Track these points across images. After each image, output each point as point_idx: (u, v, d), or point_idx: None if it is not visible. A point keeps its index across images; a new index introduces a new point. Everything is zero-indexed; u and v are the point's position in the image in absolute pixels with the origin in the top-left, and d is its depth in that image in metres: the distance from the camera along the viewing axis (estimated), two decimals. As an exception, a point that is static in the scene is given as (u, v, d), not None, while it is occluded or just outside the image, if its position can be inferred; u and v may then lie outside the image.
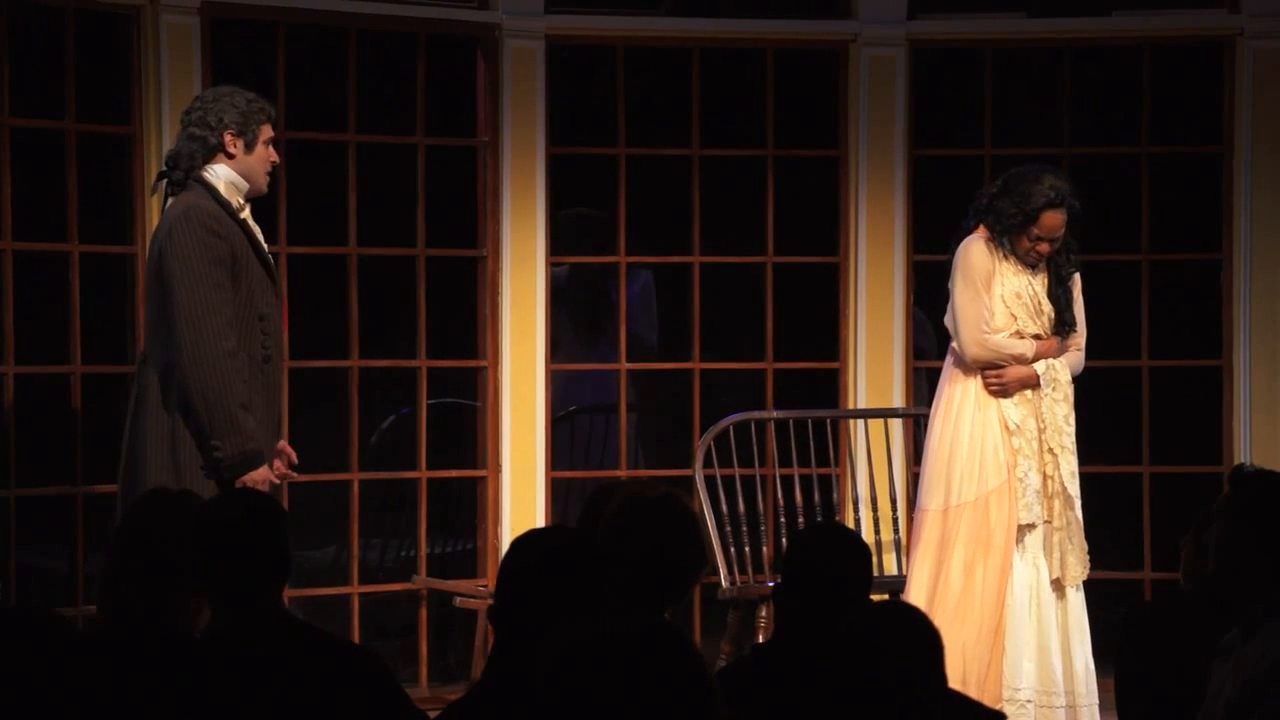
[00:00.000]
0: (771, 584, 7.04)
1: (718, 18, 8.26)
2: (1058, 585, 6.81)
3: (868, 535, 7.72)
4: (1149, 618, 5.13)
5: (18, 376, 7.20)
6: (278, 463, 6.10)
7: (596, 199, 8.24)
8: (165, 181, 6.16)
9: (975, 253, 6.82)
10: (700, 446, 7.58)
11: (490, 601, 6.32)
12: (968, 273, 6.81)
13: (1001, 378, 6.81)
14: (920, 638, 3.92)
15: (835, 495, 8.00)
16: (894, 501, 7.87)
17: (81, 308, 7.30)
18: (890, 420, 7.96)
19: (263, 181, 6.16)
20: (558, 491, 8.12)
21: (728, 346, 8.47)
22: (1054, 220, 6.77)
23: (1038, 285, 6.89)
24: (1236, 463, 7.77)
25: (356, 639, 7.57)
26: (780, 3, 8.27)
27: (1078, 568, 6.81)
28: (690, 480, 7.59)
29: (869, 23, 8.15)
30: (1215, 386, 8.22)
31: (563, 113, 8.10)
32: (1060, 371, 6.88)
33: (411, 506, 8.05)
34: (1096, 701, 6.78)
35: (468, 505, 8.21)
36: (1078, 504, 6.85)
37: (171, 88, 7.33)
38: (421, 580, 7.95)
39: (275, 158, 6.18)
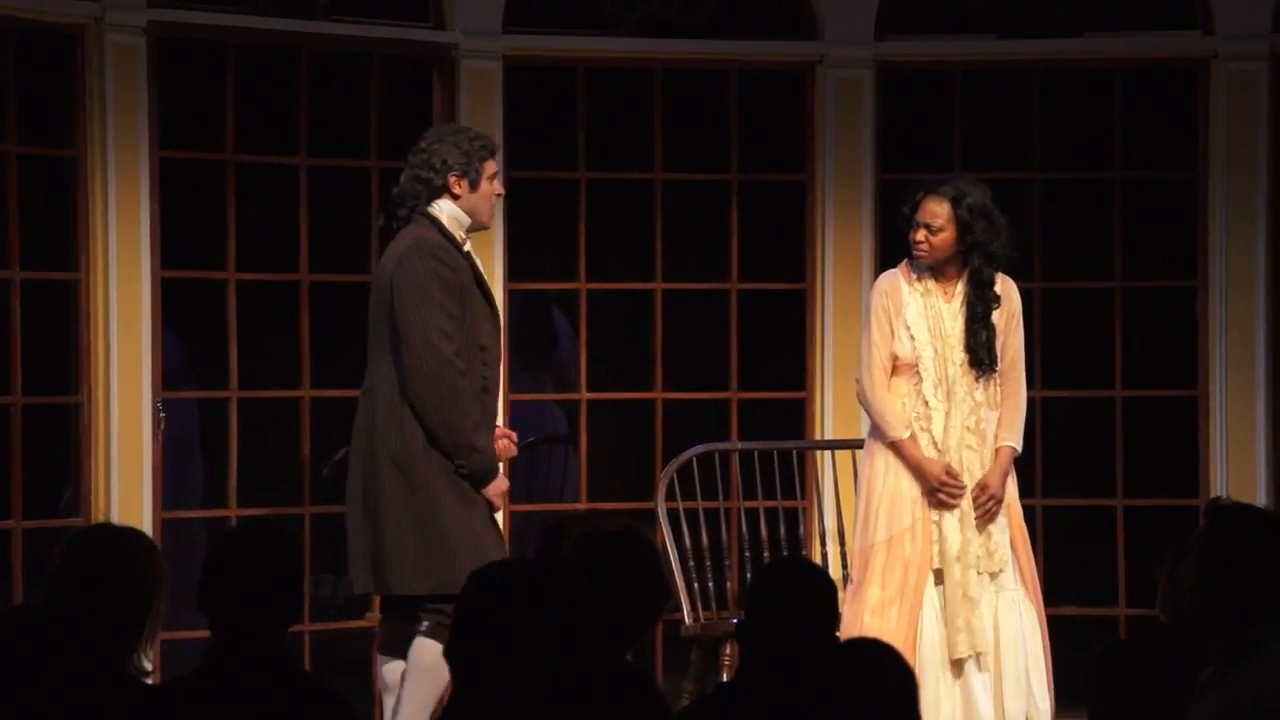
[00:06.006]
0: (736, 621, 7.03)
1: (680, 38, 8.27)
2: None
3: (835, 570, 7.70)
4: (1123, 655, 5.13)
5: (-43, 407, 7.17)
6: (505, 441, 6.63)
7: (556, 223, 8.24)
8: (391, 219, 6.57)
9: (874, 291, 6.91)
10: (662, 478, 7.56)
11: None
12: (865, 314, 6.92)
13: (952, 496, 6.78)
14: (892, 677, 3.91)
15: (802, 529, 7.99)
16: (862, 535, 7.86)
17: (23, 337, 7.26)
18: (858, 451, 7.95)
19: (487, 216, 6.63)
20: (514, 525, 8.11)
21: (691, 375, 8.47)
22: (929, 205, 6.78)
23: (947, 311, 6.84)
24: (1213, 495, 7.79)
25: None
26: (744, 23, 8.28)
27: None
28: (652, 513, 7.57)
29: (835, 44, 8.17)
30: (1191, 417, 8.23)
31: (521, 135, 8.10)
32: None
33: (364, 541, 8.01)
34: None
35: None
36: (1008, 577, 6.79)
37: (117, 109, 7.31)
38: (375, 617, 7.91)
39: (500, 190, 6.64)
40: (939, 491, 6.74)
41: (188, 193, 7.70)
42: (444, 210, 6.52)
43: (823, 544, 8.00)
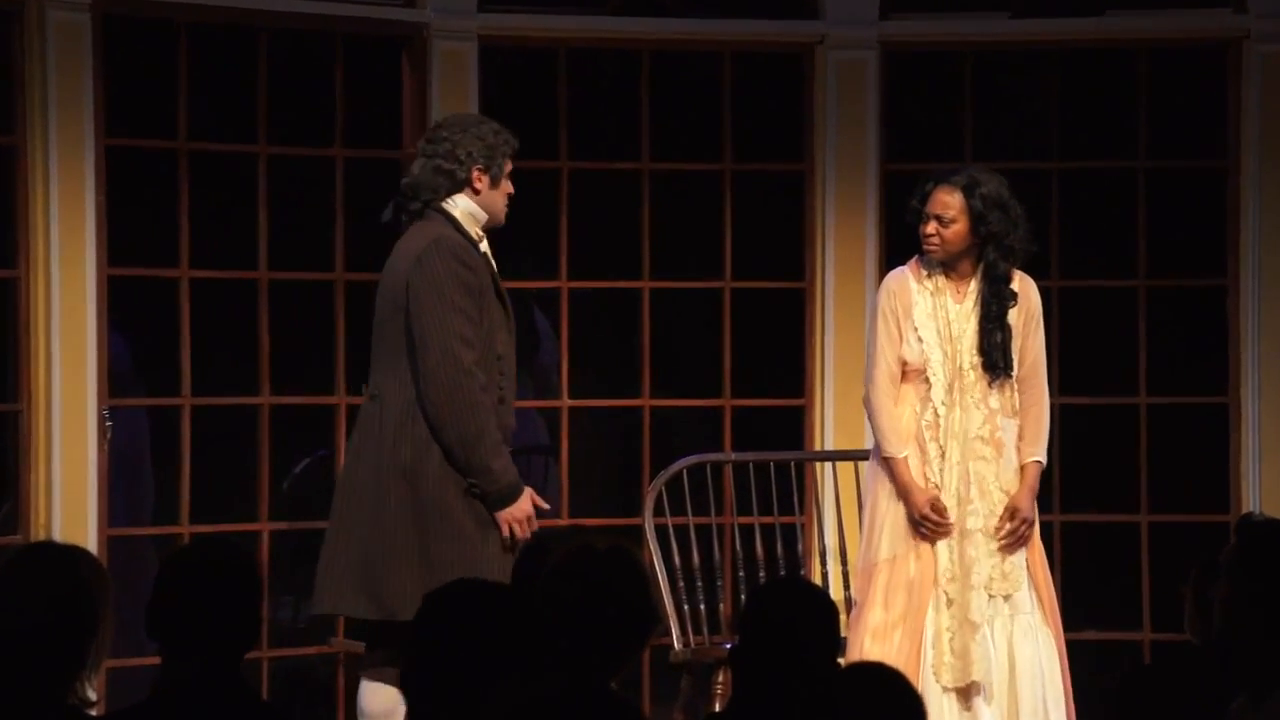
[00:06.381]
0: (729, 645, 7.01)
1: (669, 17, 8.25)
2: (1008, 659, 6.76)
3: (836, 591, 7.67)
4: (1147, 682, 5.10)
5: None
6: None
7: (536, 217, 8.22)
8: (400, 212, 6.57)
9: (882, 291, 6.88)
10: (650, 492, 7.54)
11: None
12: (871, 316, 6.88)
13: (934, 532, 6.75)
14: (899, 704, 3.88)
15: (800, 546, 7.96)
16: (865, 554, 7.84)
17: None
18: (861, 463, 7.92)
19: (502, 214, 6.61)
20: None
21: (681, 381, 8.45)
22: (940, 196, 6.75)
23: (959, 311, 6.81)
24: (1244, 511, 7.77)
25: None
26: (739, 1, 8.27)
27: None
28: (639, 530, 7.55)
29: (837, 23, 8.15)
30: (1221, 426, 8.21)
31: (498, 122, 8.06)
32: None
33: (328, 560, 7.98)
34: None
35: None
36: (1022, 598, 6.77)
37: (59, 93, 7.27)
38: (339, 643, 7.89)
39: (511, 189, 6.62)
40: (920, 525, 6.71)
41: (136, 184, 7.68)
42: (459, 205, 6.50)
43: (823, 562, 7.98)
